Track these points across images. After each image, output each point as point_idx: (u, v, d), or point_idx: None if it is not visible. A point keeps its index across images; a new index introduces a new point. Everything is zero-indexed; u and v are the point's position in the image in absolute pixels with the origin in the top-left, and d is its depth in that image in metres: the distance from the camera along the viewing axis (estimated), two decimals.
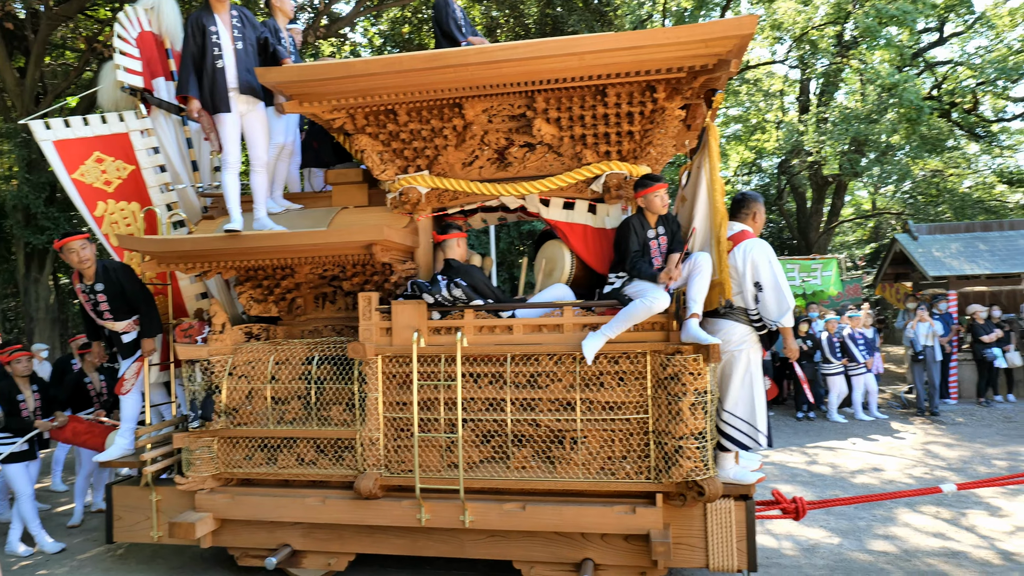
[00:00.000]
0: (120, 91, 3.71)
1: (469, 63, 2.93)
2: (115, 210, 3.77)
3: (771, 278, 2.97)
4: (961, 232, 9.64)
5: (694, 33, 2.80)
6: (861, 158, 12.57)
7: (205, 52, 3.27)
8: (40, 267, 8.71)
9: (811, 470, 5.36)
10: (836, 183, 15.03)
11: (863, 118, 11.39)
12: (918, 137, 11.77)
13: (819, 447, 6.15)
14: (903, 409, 7.93)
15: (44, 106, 8.34)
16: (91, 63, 8.75)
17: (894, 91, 10.26)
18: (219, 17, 3.32)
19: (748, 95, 16.54)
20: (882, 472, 5.22)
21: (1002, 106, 14.22)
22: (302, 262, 3.31)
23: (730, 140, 17.60)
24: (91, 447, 4.02)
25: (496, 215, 4.01)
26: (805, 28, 14.08)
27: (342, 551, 3.31)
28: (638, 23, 12.89)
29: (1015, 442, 6.02)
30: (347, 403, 3.26)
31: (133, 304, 3.56)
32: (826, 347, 7.27)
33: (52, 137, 3.62)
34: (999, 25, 13.64)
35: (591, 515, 2.95)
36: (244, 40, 3.37)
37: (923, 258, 9.05)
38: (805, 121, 13.80)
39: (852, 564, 3.48)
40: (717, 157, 3.09)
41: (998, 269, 8.65)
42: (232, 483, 3.46)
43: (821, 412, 7.59)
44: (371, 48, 11.52)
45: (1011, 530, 3.89)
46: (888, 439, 6.40)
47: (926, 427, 6.85)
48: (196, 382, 3.38)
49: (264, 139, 3.50)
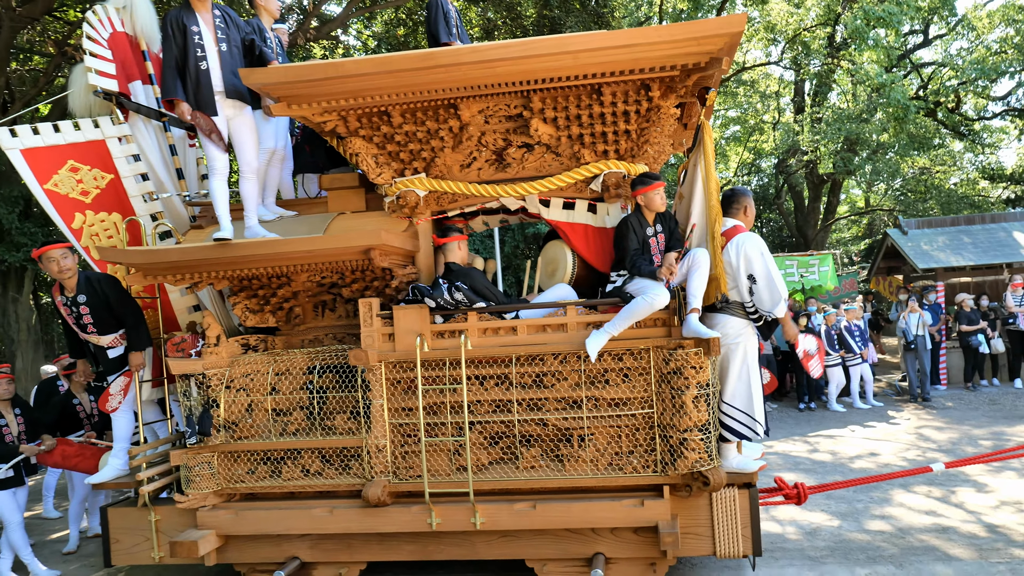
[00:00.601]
0: (93, 95, 3.54)
1: (462, 63, 2.89)
2: (94, 221, 3.62)
3: (764, 270, 3.04)
4: (947, 226, 10.10)
5: (686, 31, 2.82)
6: (854, 156, 13.01)
7: (188, 53, 3.12)
8: (19, 286, 8.30)
9: (812, 458, 5.58)
10: (831, 181, 15.49)
11: (855, 118, 11.81)
12: (906, 136, 12.23)
13: (820, 436, 6.39)
14: (897, 396, 8.28)
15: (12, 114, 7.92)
16: (63, 68, 8.32)
17: (882, 91, 10.64)
18: (200, 16, 3.18)
19: (746, 96, 16.92)
20: (878, 456, 5.47)
21: (983, 105, 14.84)
22: (299, 270, 3.24)
23: (729, 141, 18.00)
24: (83, 470, 3.88)
25: (497, 217, 4.00)
26: (797, 30, 14.42)
27: (352, 560, 3.28)
28: (635, 25, 13.07)
29: (999, 423, 6.37)
30: (351, 411, 3.22)
31: (119, 317, 3.43)
32: (824, 340, 7.53)
33: (19, 145, 3.44)
34: (979, 27, 14.22)
35: (601, 510, 2.99)
36: (228, 41, 3.24)
37: (912, 252, 9.47)
38: (800, 121, 14.19)
39: (852, 544, 3.62)
40: (711, 154, 3.13)
41: (981, 260, 9.12)
42: (235, 498, 3.39)
43: (821, 402, 7.89)
44: (365, 51, 11.29)
45: (996, 505, 4.12)
46: (884, 425, 6.68)
47: (919, 412, 7.18)
48: (192, 397, 3.29)
49: (253, 144, 3.39)
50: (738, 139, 17.85)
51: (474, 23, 10.66)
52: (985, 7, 14.76)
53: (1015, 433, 5.86)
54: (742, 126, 17.61)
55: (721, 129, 17.46)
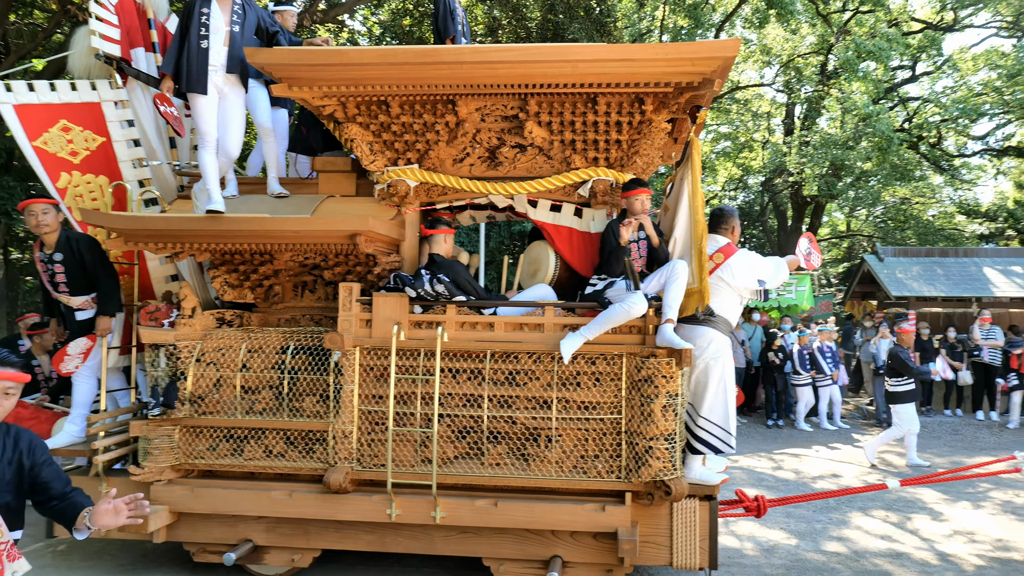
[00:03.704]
0: (94, 58, 3.54)
1: (464, 61, 2.97)
2: (80, 183, 3.58)
3: (768, 270, 3.30)
4: (922, 256, 10.47)
5: (681, 51, 2.94)
6: (838, 181, 13.38)
7: (190, 31, 3.26)
8: None
9: (776, 475, 5.67)
10: (815, 204, 15.92)
11: (841, 144, 12.15)
12: (889, 166, 12.65)
13: (785, 453, 6.51)
14: (864, 420, 8.43)
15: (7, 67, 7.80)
16: (63, 25, 8.24)
17: (869, 121, 11.03)
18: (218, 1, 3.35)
19: (738, 114, 17.36)
20: (840, 478, 5.59)
21: (963, 142, 15.50)
22: (283, 248, 3.24)
23: (719, 156, 18.38)
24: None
25: (484, 213, 4.05)
26: (792, 56, 14.96)
27: (307, 547, 3.22)
28: (636, 37, 13.32)
29: (959, 453, 6.59)
30: (321, 394, 3.20)
31: (93, 279, 3.38)
32: (796, 359, 7.68)
33: (13, 100, 3.42)
34: (964, 69, 14.93)
35: (562, 512, 2.99)
36: (243, 24, 3.40)
37: (887, 279, 9.78)
38: (789, 143, 14.58)
39: (807, 564, 3.67)
40: (699, 171, 3.24)
41: (952, 292, 9.46)
42: (192, 475, 3.32)
43: (789, 420, 8.02)
44: (370, 37, 11.38)
45: (949, 533, 4.21)
46: (848, 448, 6.81)
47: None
48: (160, 368, 3.24)
49: (239, 125, 3.48)
50: (728, 155, 18.25)
51: (480, 20, 10.81)
52: (970, 50, 15.51)
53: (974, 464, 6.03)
54: (732, 142, 18.01)
55: (712, 143, 17.80)
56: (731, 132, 17.85)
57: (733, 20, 13.86)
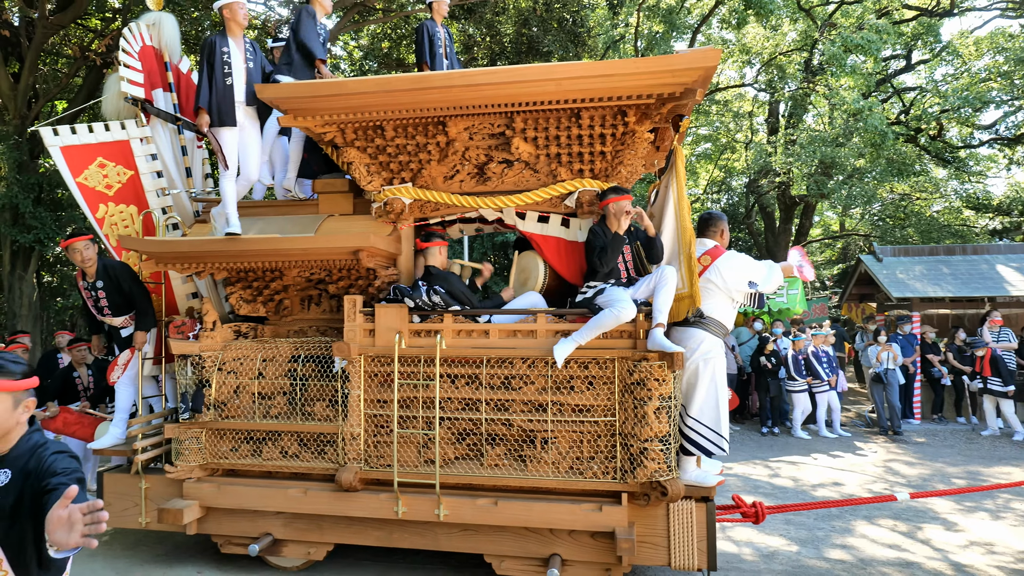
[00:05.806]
0: (123, 101, 3.93)
1: (453, 85, 3.14)
2: (115, 212, 3.97)
3: (760, 272, 3.29)
4: (925, 255, 9.73)
5: (662, 64, 3.01)
6: (828, 180, 12.63)
7: (215, 70, 3.62)
8: (25, 265, 8.88)
9: (773, 483, 5.43)
10: (804, 204, 15.15)
11: (830, 141, 11.49)
12: (883, 161, 11.89)
13: (782, 461, 6.20)
14: (867, 428, 8.01)
15: (36, 110, 8.53)
16: (81, 70, 8.95)
17: (859, 116, 10.44)
18: (232, 40, 3.72)
19: (718, 115, 16.68)
20: (842, 487, 5.29)
21: (968, 133, 14.30)
22: (291, 265, 3.50)
23: (700, 158, 17.69)
24: (80, 437, 4.18)
25: (473, 226, 4.22)
26: (773, 54, 14.27)
27: (321, 541, 3.46)
28: (611, 44, 13.02)
29: (975, 462, 6.06)
30: (330, 400, 3.43)
31: (130, 299, 3.75)
32: (791, 365, 7.36)
33: (60, 143, 3.82)
34: (965, 54, 13.83)
35: (560, 512, 3.09)
36: (255, 61, 3.80)
37: (887, 280, 9.11)
38: (774, 142, 13.90)
39: (809, 571, 3.56)
40: (683, 178, 3.30)
41: (960, 292, 8.73)
42: (218, 473, 3.61)
43: (785, 428, 7.68)
44: (350, 62, 11.73)
45: (965, 544, 3.98)
46: (850, 456, 6.46)
47: (888, 446, 6.92)
48: (187, 376, 3.55)
49: (256, 152, 3.83)
50: (709, 157, 17.43)
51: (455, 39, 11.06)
52: (972, 34, 14.34)
53: (992, 474, 5.58)
54: (713, 144, 17.26)
55: (692, 146, 17.12)
56: (712, 134, 17.07)
57: (709, 22, 13.35)
